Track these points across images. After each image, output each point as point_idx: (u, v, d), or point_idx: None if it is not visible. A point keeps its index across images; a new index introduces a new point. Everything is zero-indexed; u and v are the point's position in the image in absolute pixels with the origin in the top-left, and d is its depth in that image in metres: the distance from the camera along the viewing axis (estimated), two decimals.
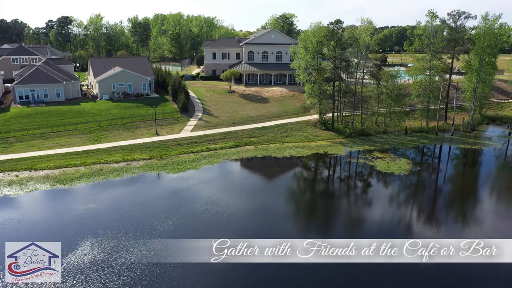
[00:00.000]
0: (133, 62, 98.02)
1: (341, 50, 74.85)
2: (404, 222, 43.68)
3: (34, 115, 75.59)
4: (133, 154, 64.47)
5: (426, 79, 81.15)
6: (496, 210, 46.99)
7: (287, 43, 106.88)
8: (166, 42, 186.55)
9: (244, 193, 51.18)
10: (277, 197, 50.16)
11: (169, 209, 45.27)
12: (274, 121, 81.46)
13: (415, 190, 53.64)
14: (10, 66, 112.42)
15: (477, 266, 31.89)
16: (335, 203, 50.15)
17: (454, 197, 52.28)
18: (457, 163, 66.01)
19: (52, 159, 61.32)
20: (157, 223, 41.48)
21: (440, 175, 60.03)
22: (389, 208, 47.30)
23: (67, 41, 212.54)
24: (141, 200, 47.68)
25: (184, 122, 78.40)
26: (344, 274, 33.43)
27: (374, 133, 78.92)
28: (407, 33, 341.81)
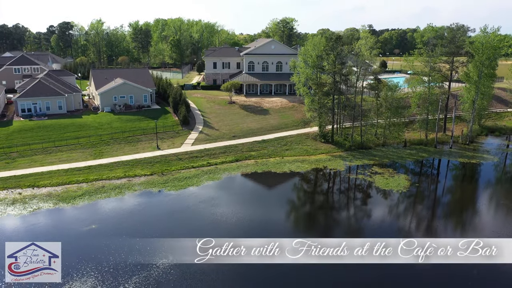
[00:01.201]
0: (134, 73, 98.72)
1: (340, 64, 75.44)
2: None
3: (37, 129, 76.28)
4: (134, 169, 65.15)
5: (425, 91, 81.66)
6: (492, 230, 47.62)
7: (287, 53, 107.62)
8: (167, 48, 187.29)
9: (243, 217, 51.00)
10: (275, 223, 50.15)
11: (170, 232, 45.96)
12: (274, 134, 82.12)
13: (412, 211, 54.18)
14: (12, 76, 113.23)
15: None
16: (334, 228, 50.80)
17: (449, 219, 52.83)
18: (455, 180, 66.44)
19: (55, 175, 62.04)
20: (157, 252, 42.14)
21: (437, 194, 60.70)
22: (385, 231, 47.92)
23: (68, 46, 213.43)
24: (142, 221, 48.36)
25: (185, 136, 79.08)
26: (334, 275, 32.84)
27: (374, 145, 79.55)
28: (407, 36, 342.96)
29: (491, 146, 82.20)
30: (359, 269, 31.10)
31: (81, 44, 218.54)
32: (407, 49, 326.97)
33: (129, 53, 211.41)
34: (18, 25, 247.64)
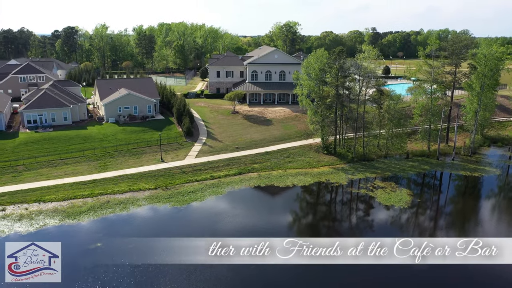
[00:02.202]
0: (138, 83, 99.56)
1: (343, 78, 75.93)
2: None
3: (42, 141, 77.21)
4: (139, 183, 65.94)
5: (428, 103, 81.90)
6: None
7: (290, 62, 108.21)
8: (170, 54, 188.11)
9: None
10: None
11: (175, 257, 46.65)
12: (277, 145, 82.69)
13: (412, 229, 54.64)
14: (18, 84, 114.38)
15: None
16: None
17: (449, 236, 53.28)
18: (457, 196, 66.59)
19: (60, 190, 62.92)
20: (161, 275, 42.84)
21: (439, 210, 61.03)
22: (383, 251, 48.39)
23: (72, 51, 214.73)
24: (146, 243, 49.03)
25: (188, 147, 79.79)
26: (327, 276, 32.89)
27: (376, 157, 79.99)
28: (411, 38, 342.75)
29: (493, 157, 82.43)
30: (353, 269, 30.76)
31: (85, 48, 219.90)
32: (411, 52, 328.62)
33: (133, 58, 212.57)
34: (23, 30, 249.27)
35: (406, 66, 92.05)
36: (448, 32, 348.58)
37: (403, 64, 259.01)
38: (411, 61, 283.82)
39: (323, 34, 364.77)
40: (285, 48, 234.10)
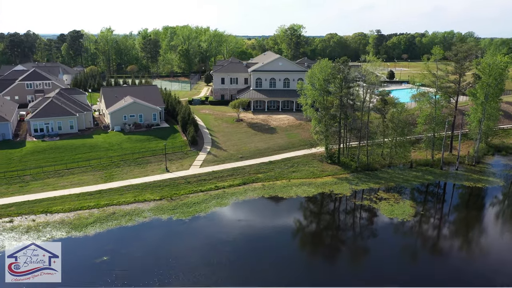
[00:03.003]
0: (143, 90, 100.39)
1: (347, 89, 76.29)
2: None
3: (49, 151, 78.11)
4: (144, 194, 66.65)
5: (432, 112, 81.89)
6: (495, 265, 48.33)
7: (295, 70, 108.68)
8: (175, 58, 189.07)
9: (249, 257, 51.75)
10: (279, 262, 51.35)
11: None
12: (281, 154, 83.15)
13: (414, 244, 54.99)
14: (24, 91, 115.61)
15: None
16: (337, 266, 51.75)
17: (450, 253, 53.55)
18: (459, 208, 66.59)
19: (67, 200, 63.74)
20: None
21: (441, 223, 61.12)
22: (384, 268, 48.83)
23: (78, 55, 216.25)
24: (151, 260, 49.70)
25: (193, 157, 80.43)
26: None
27: (380, 166, 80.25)
28: (415, 40, 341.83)
29: (497, 167, 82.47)
30: None
31: (91, 52, 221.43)
32: (416, 54, 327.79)
33: (138, 61, 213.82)
34: (29, 33, 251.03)
35: (410, 77, 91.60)
36: (453, 34, 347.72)
37: (408, 67, 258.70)
38: (416, 64, 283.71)
39: (328, 36, 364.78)
40: (289, 52, 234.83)
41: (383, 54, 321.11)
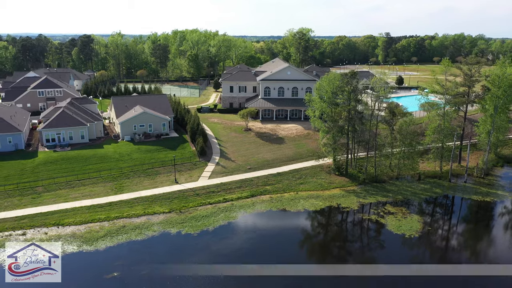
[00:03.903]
0: (152, 100, 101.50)
1: (355, 102, 76.55)
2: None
3: (61, 161, 79.44)
4: (153, 206, 67.58)
5: (441, 123, 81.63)
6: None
7: (303, 79, 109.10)
8: (184, 63, 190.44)
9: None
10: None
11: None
12: (289, 166, 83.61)
13: (420, 262, 55.13)
14: (36, 99, 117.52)
15: None
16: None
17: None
18: (468, 224, 66.36)
19: (78, 213, 64.90)
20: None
21: (449, 241, 61.15)
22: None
23: (88, 59, 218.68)
24: (160, 270, 50.57)
25: (202, 167, 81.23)
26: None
27: (387, 178, 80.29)
28: (425, 43, 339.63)
29: (506, 180, 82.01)
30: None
31: (101, 57, 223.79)
32: (425, 57, 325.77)
33: (148, 65, 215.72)
34: (41, 37, 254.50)
35: (419, 90, 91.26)
36: (463, 37, 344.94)
37: (417, 70, 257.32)
38: (425, 67, 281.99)
39: (337, 38, 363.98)
40: (298, 56, 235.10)
41: (392, 57, 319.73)
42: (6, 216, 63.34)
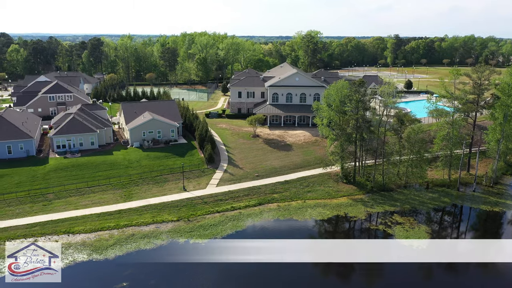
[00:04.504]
0: (162, 106, 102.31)
1: (363, 111, 76.58)
2: None
3: (71, 168, 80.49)
4: (162, 214, 68.28)
5: (450, 132, 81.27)
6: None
7: (311, 85, 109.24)
8: (193, 67, 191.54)
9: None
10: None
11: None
12: (296, 173, 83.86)
13: (427, 275, 55.10)
14: (47, 103, 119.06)
15: None
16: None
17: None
18: (476, 234, 66.23)
19: (88, 220, 65.82)
20: None
21: (456, 252, 61.00)
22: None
23: (98, 62, 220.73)
24: (168, 281, 51.19)
25: (210, 175, 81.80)
26: None
27: (395, 187, 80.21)
28: (435, 45, 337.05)
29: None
30: None
31: (111, 59, 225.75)
32: (435, 59, 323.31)
33: (156, 68, 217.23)
34: (51, 40, 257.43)
35: (427, 98, 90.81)
36: (474, 38, 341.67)
37: (426, 73, 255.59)
38: (434, 70, 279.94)
39: (345, 40, 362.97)
40: (306, 59, 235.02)
41: (401, 59, 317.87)
42: (18, 224, 64.46)
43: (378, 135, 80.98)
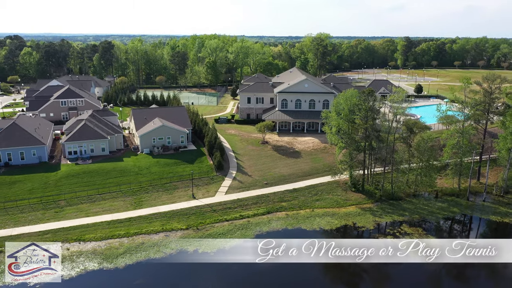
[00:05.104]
0: (171, 112, 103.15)
1: (372, 120, 76.55)
2: None
3: (82, 175, 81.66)
4: (171, 222, 69.01)
5: (460, 140, 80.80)
6: None
7: (320, 92, 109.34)
8: (203, 70, 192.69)
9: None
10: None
11: None
12: (305, 181, 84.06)
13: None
14: (59, 108, 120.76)
15: None
16: None
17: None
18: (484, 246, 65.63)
19: (99, 228, 66.78)
20: None
21: (464, 265, 60.56)
22: None
23: (109, 65, 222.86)
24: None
25: (219, 182, 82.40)
26: None
27: (404, 195, 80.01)
28: (446, 47, 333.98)
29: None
30: None
31: (121, 62, 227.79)
32: (446, 61, 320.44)
33: (166, 71, 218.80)
34: (63, 42, 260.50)
35: (438, 105, 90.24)
36: (486, 40, 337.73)
37: (437, 76, 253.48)
38: (445, 72, 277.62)
39: (355, 41, 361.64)
40: (316, 62, 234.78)
41: (411, 61, 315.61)
42: (30, 231, 65.61)
43: (387, 143, 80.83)
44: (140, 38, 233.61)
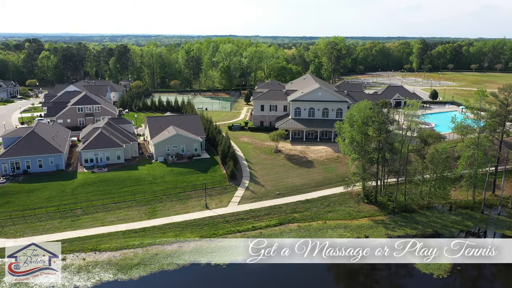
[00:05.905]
0: (185, 120, 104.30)
1: (385, 134, 76.36)
2: None
3: (98, 183, 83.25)
4: (184, 232, 69.99)
5: (475, 152, 79.99)
6: None
7: (333, 100, 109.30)
8: (216, 75, 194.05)
9: None
10: None
11: None
12: (317, 192, 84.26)
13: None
14: (76, 114, 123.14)
15: None
16: None
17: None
18: (499, 264, 65.02)
19: (114, 238, 68.09)
20: None
21: (478, 283, 60.16)
22: None
23: (124, 69, 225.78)
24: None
25: (232, 192, 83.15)
26: None
27: (417, 207, 79.56)
28: (462, 50, 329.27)
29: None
30: None
31: (137, 66, 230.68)
32: (462, 63, 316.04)
33: (181, 75, 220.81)
34: (80, 46, 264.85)
35: (453, 117, 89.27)
36: (503, 43, 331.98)
37: (453, 80, 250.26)
38: (462, 76, 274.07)
39: (370, 44, 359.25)
40: (330, 66, 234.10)
41: (427, 64, 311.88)
42: (48, 239, 66.70)
43: (401, 155, 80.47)
44: (155, 41, 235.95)
